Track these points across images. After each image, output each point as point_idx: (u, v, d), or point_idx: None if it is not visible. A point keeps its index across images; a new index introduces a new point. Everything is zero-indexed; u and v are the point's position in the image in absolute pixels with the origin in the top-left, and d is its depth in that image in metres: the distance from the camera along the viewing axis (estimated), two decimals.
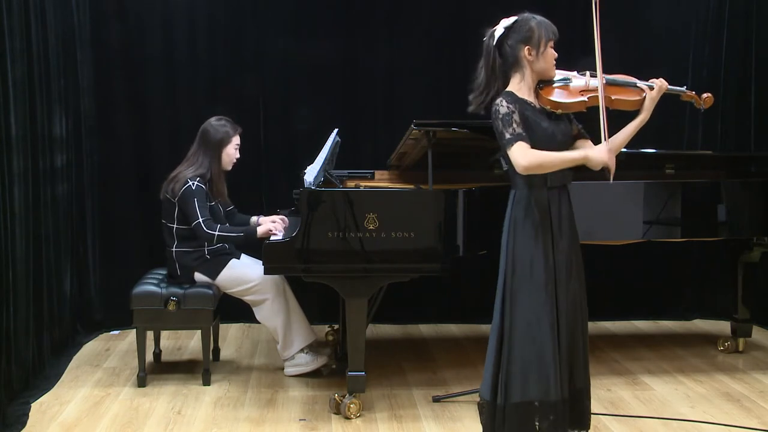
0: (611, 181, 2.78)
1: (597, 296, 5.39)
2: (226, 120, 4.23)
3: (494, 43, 2.81)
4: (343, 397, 3.68)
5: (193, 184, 4.05)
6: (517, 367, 2.77)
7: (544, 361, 2.74)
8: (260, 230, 4.06)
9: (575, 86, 2.85)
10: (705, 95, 3.04)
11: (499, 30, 2.81)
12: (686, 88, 3.03)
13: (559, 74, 2.86)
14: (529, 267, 2.77)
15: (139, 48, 5.09)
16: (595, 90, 2.82)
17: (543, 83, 2.84)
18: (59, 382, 4.16)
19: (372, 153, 5.10)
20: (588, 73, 2.90)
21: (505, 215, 2.87)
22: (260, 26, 5.15)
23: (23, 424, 3.56)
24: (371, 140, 5.23)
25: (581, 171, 3.06)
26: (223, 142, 4.18)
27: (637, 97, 2.86)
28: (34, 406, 3.79)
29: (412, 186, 4.14)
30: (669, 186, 4.15)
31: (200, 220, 4.00)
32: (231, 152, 4.22)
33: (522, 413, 2.76)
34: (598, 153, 2.75)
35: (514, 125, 2.72)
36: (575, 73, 2.90)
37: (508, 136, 2.72)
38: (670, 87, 2.93)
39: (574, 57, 3.04)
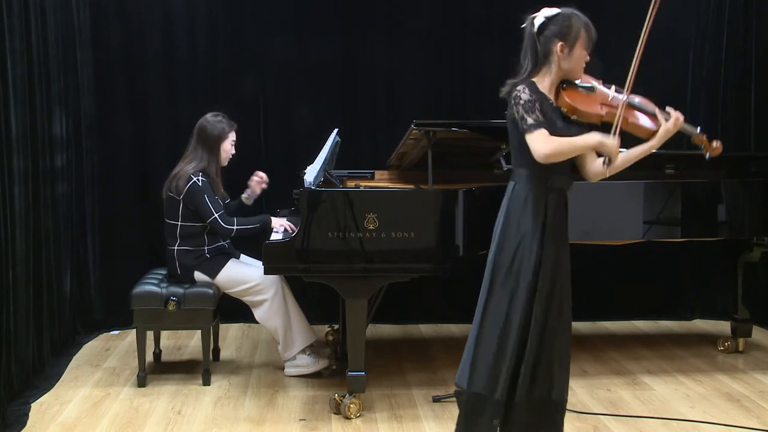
0: (607, 173, 2.72)
1: (597, 296, 5.44)
2: (222, 116, 4.23)
3: (535, 30, 2.73)
4: (343, 397, 3.68)
5: (198, 180, 4.06)
6: (480, 356, 2.77)
7: (502, 359, 2.73)
8: (275, 220, 4.09)
9: (597, 96, 2.77)
10: (715, 144, 2.89)
11: (539, 19, 2.73)
12: (700, 130, 2.91)
13: (586, 80, 2.79)
14: (510, 261, 2.74)
15: (139, 48, 5.10)
16: (616, 107, 2.72)
17: (567, 84, 2.77)
18: (59, 382, 4.16)
19: (372, 153, 5.10)
20: (613, 87, 2.82)
21: (501, 206, 2.82)
22: (260, 26, 5.15)
23: (23, 424, 3.56)
24: (371, 140, 5.24)
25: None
26: (221, 137, 4.18)
27: (653, 128, 2.77)
28: (34, 406, 3.79)
29: (412, 186, 4.14)
30: (669, 186, 4.15)
31: (216, 215, 4.02)
32: (227, 148, 4.23)
33: (473, 403, 2.79)
34: (613, 140, 2.67)
35: (537, 113, 2.65)
36: (600, 83, 2.83)
37: (530, 121, 2.64)
38: (685, 125, 2.82)
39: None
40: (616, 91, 2.81)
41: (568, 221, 2.84)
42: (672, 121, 2.76)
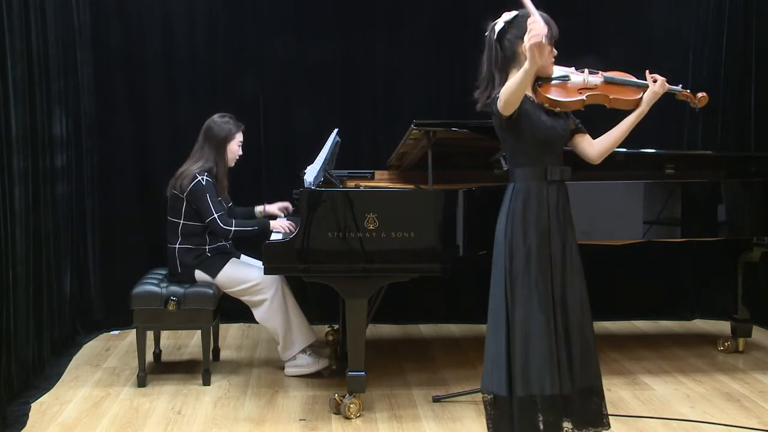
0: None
1: (597, 296, 5.36)
2: (230, 117, 4.25)
3: (495, 37, 2.78)
4: (343, 397, 3.67)
5: (203, 179, 4.07)
6: (518, 360, 2.74)
7: (541, 355, 2.72)
8: (274, 223, 4.10)
9: (573, 84, 2.82)
10: (700, 94, 2.99)
11: (499, 24, 2.79)
12: (682, 87, 3.01)
13: (558, 70, 2.83)
14: (525, 260, 2.74)
15: (139, 48, 5.10)
16: (594, 88, 2.80)
17: (542, 80, 2.80)
18: (59, 382, 4.16)
19: (372, 153, 5.10)
20: (587, 70, 2.87)
21: (502, 208, 2.84)
22: (260, 26, 5.15)
23: (23, 424, 3.56)
24: (371, 140, 5.24)
25: (582, 171, 3.07)
26: (227, 138, 4.20)
27: (635, 96, 2.85)
28: (34, 406, 3.79)
29: (412, 186, 4.14)
30: (669, 186, 4.15)
31: (215, 215, 4.02)
32: (234, 149, 4.24)
33: (525, 408, 2.73)
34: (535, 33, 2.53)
35: None
36: (573, 69, 2.87)
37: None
38: (669, 85, 2.92)
39: (575, 55, 3.03)
40: (589, 73, 2.85)
41: (571, 212, 2.85)
42: (660, 83, 2.86)
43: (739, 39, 5.28)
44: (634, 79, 2.91)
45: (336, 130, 4.26)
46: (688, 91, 3.02)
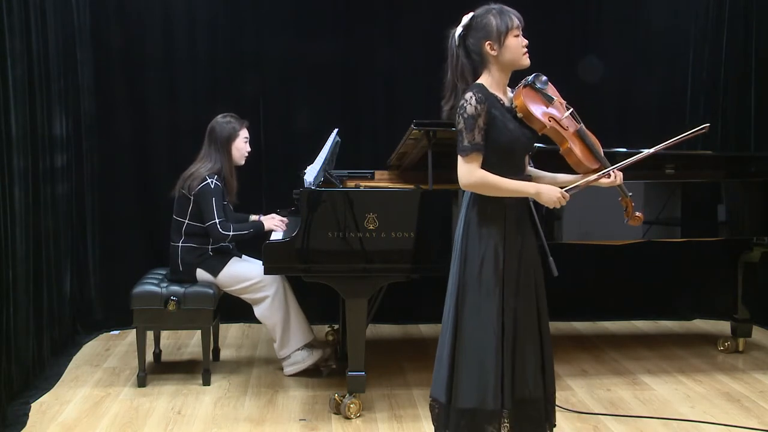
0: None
1: (597, 296, 5.44)
2: (231, 116, 4.25)
3: (456, 44, 2.75)
4: (343, 397, 3.68)
5: (212, 182, 4.08)
6: (462, 372, 2.70)
7: (484, 369, 2.67)
8: (267, 224, 4.13)
9: (551, 109, 2.74)
10: (638, 213, 2.89)
11: (458, 30, 2.75)
12: (631, 196, 2.90)
13: (551, 90, 2.76)
14: (478, 269, 2.69)
15: (139, 48, 5.10)
16: (564, 128, 2.72)
17: (530, 85, 2.73)
18: (59, 382, 4.16)
19: (372, 153, 5.10)
20: (571, 110, 2.79)
21: (460, 214, 2.78)
22: (260, 26, 5.15)
23: (23, 424, 3.56)
24: (371, 140, 5.24)
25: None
26: (231, 137, 4.21)
27: (589, 166, 2.76)
28: (34, 406, 3.79)
29: (412, 186, 4.13)
30: (669, 186, 4.15)
31: (216, 221, 4.03)
32: (241, 146, 4.25)
33: (467, 419, 2.70)
34: (551, 191, 2.64)
35: (476, 132, 2.62)
36: (564, 104, 2.80)
37: (465, 143, 2.63)
38: (623, 185, 2.83)
39: (575, 54, 3.01)
40: (570, 114, 2.79)
41: (533, 217, 2.79)
42: (618, 177, 2.77)
43: (739, 39, 5.29)
44: (602, 155, 2.82)
45: (336, 130, 4.26)
46: (630, 201, 2.90)
